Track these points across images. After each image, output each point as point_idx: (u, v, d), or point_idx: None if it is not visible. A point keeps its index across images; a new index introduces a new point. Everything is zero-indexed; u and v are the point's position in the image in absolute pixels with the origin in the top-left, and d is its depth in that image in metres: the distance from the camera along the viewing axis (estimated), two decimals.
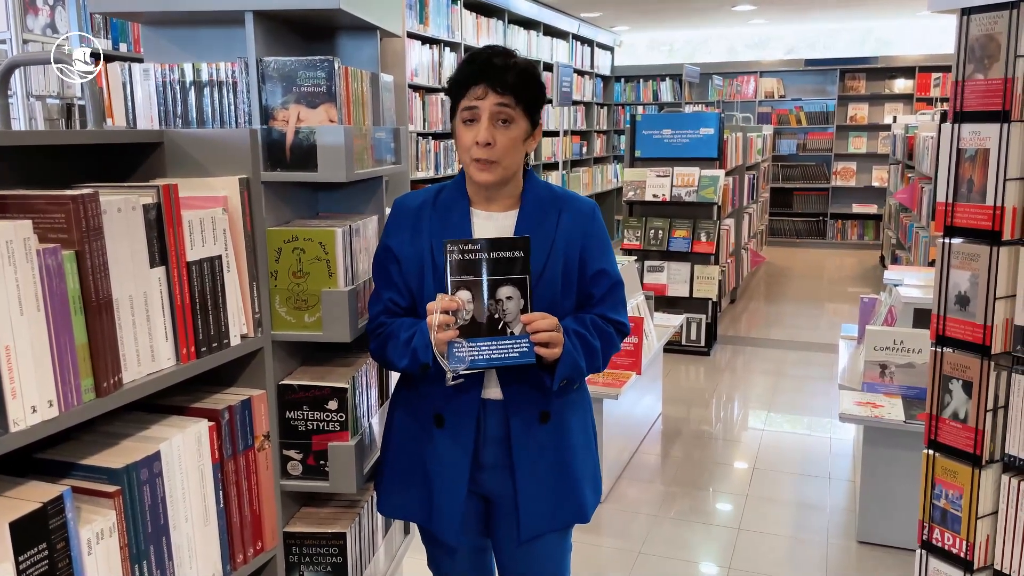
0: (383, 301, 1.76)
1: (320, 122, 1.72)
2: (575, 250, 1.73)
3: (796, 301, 8.12)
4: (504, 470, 1.76)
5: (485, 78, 1.63)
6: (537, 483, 1.75)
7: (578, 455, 1.81)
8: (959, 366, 1.82)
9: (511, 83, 1.63)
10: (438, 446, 1.76)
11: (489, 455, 1.76)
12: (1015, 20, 1.66)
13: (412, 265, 1.73)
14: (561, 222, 1.73)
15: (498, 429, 1.75)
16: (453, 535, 1.78)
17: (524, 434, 1.73)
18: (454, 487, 1.76)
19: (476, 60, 1.66)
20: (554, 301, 1.70)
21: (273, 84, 1.73)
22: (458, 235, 1.70)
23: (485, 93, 1.63)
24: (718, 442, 4.56)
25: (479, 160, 1.65)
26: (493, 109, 1.63)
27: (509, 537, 1.82)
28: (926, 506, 1.91)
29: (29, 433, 1.03)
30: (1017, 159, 1.70)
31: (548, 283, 1.70)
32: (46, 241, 1.07)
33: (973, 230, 1.78)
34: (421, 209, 1.76)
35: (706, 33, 12.32)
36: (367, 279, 1.87)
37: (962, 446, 1.82)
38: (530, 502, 1.75)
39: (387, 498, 1.87)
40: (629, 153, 6.37)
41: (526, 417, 1.73)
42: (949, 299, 1.83)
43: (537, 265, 1.67)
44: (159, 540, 1.26)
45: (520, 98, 1.65)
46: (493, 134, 1.64)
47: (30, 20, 4.45)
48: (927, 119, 7.10)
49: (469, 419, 1.73)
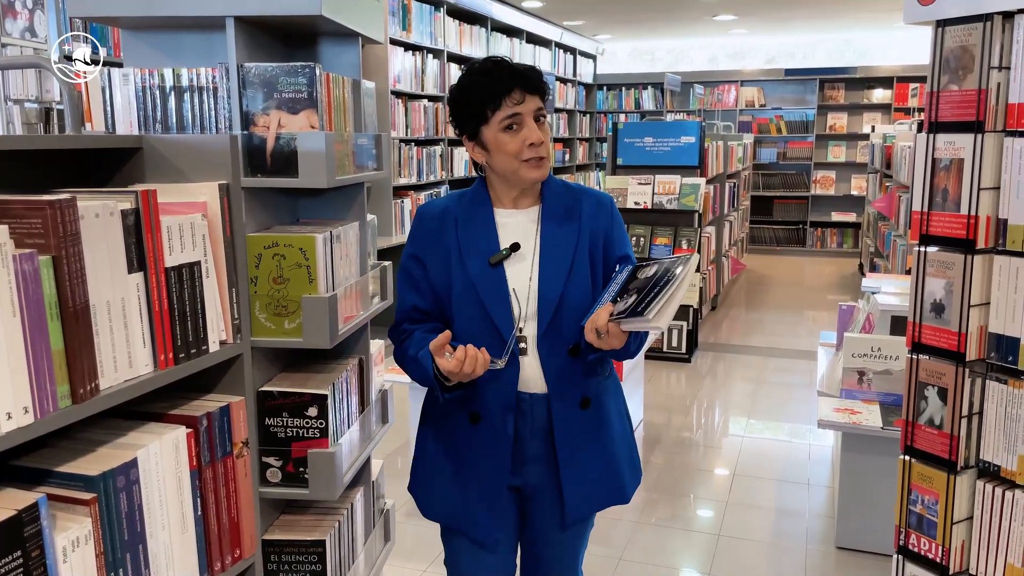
0: (406, 309, 1.87)
1: (301, 128, 1.72)
2: (599, 237, 1.82)
3: (776, 308, 8.17)
4: (544, 460, 1.83)
5: (519, 83, 1.70)
6: (580, 467, 1.82)
7: (616, 437, 1.88)
8: (934, 373, 1.84)
9: (538, 84, 1.73)
10: (475, 444, 1.82)
11: (530, 447, 1.81)
12: (988, 32, 1.69)
13: (438, 267, 1.80)
14: (584, 212, 1.81)
15: (537, 420, 1.80)
16: (491, 532, 1.85)
17: (566, 420, 1.79)
18: (495, 483, 1.82)
19: (501, 70, 1.73)
20: (586, 286, 1.79)
21: (254, 90, 1.73)
22: (483, 233, 1.79)
23: (523, 97, 1.71)
24: (699, 448, 4.58)
25: (531, 160, 1.73)
26: (534, 111, 1.72)
27: (546, 526, 1.89)
28: (903, 512, 1.93)
29: (5, 440, 1.02)
30: (991, 169, 1.72)
31: (581, 269, 1.79)
32: (23, 246, 1.06)
33: (948, 239, 1.80)
34: (444, 214, 1.83)
35: (687, 43, 12.41)
36: (349, 284, 1.87)
37: (938, 452, 1.84)
38: (574, 486, 1.82)
39: (428, 500, 1.93)
40: (611, 161, 6.39)
41: (568, 403, 1.80)
42: (925, 307, 1.85)
43: (569, 252, 1.78)
44: (136, 548, 1.25)
45: (544, 97, 1.76)
46: (539, 133, 1.75)
47: (8, 24, 4.41)
48: (905, 129, 7.19)
49: (506, 413, 1.78)
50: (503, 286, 1.77)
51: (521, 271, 1.78)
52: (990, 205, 1.73)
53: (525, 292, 1.77)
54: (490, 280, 1.76)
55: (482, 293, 1.76)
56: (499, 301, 1.76)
